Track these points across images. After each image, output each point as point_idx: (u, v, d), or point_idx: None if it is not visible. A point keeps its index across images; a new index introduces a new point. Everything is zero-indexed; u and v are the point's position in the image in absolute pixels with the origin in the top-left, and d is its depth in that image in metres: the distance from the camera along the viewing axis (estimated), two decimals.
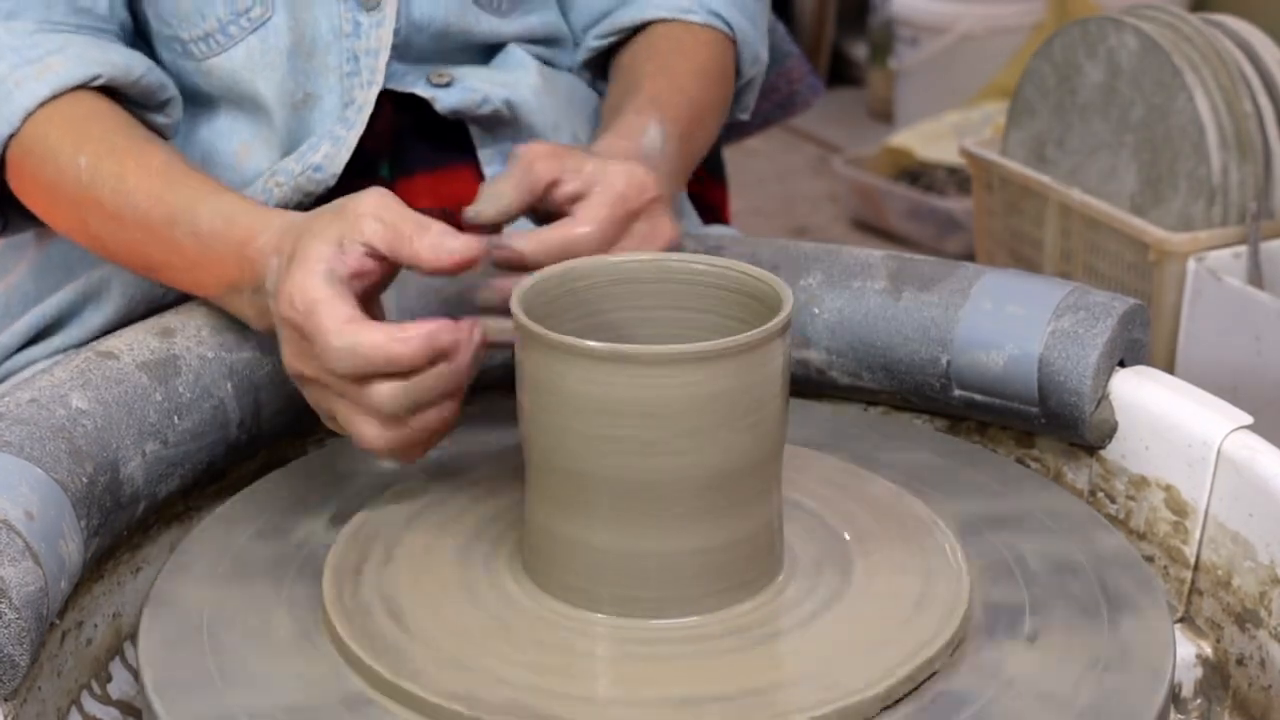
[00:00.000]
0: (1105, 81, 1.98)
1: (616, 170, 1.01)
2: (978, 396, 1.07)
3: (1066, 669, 0.86)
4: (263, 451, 1.09)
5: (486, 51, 1.24)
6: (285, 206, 1.14)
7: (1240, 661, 0.97)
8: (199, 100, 1.18)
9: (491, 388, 1.12)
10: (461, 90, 1.19)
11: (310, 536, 0.97)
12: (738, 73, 1.26)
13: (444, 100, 1.19)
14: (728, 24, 1.24)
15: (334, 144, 1.15)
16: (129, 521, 0.97)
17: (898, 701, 0.83)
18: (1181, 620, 1.01)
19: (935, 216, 2.82)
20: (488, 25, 1.22)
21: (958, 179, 2.81)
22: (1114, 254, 1.97)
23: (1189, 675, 0.98)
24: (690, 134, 1.15)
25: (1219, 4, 2.83)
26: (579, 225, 0.99)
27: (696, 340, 0.86)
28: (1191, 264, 1.85)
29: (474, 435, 1.04)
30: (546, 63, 1.26)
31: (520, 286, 0.86)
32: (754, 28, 1.26)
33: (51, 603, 0.85)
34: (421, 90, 1.18)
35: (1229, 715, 0.97)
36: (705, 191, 1.40)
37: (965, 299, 1.06)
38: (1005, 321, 1.05)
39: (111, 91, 1.12)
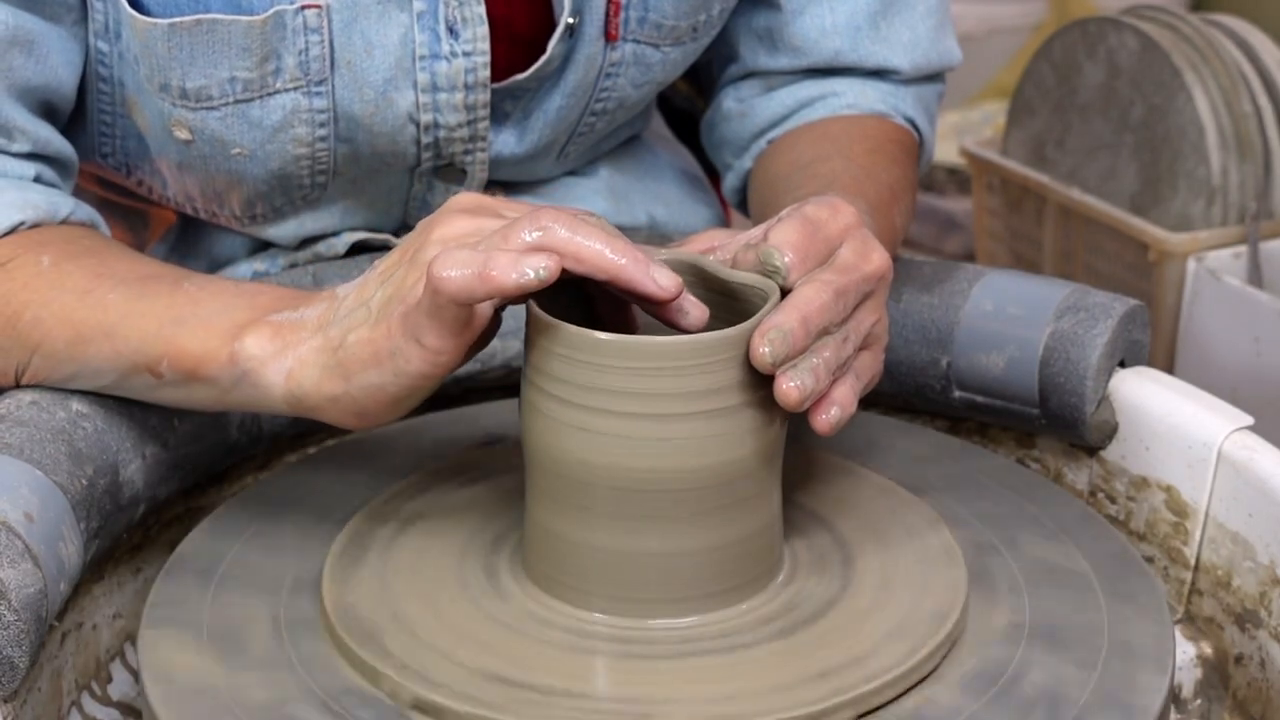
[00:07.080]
0: (1105, 81, 1.98)
1: (805, 202, 0.90)
2: (978, 398, 1.07)
3: (1075, 604, 0.89)
4: (262, 453, 1.09)
5: None
6: None
7: (1240, 661, 0.97)
8: None
9: (490, 388, 1.12)
10: None
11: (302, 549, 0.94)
12: None
13: None
14: (916, 128, 1.20)
15: None
16: (129, 523, 0.97)
17: (934, 670, 0.84)
18: (1181, 620, 1.01)
19: (935, 216, 2.82)
20: (558, 170, 1.22)
21: (958, 179, 2.80)
22: (1114, 254, 1.96)
23: (1189, 675, 0.98)
24: (880, 209, 1.03)
25: (1219, 4, 2.83)
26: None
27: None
28: (1191, 264, 1.84)
29: (471, 435, 1.04)
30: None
31: None
32: (933, 131, 1.22)
33: (51, 605, 0.85)
34: None
35: (1229, 715, 0.97)
36: None
37: (965, 300, 1.06)
38: (1005, 323, 1.05)
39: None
